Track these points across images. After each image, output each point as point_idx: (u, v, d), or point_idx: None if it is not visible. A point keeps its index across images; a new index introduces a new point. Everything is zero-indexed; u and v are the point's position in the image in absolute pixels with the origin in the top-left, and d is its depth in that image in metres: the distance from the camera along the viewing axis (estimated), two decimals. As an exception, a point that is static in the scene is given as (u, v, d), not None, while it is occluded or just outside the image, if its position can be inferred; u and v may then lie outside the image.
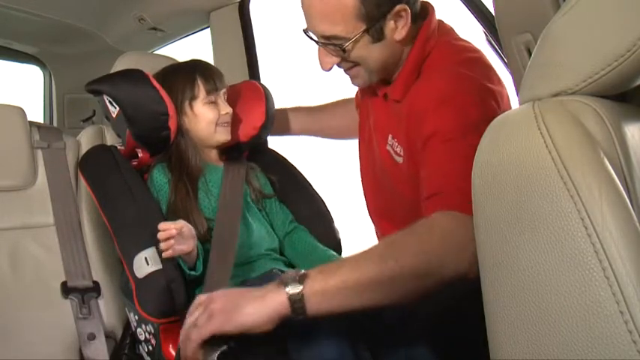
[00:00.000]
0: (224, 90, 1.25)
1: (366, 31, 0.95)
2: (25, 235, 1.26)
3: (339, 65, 1.03)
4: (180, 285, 1.09)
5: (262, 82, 1.69)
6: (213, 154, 1.29)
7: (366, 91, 1.18)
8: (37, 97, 2.34)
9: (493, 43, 1.29)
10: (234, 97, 1.34)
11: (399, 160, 1.06)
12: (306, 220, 1.33)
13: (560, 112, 0.55)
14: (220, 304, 0.80)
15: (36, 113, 2.33)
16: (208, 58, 1.85)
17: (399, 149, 1.06)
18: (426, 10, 1.03)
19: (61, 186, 1.30)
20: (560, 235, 0.51)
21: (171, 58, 1.47)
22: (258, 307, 0.78)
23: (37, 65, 2.31)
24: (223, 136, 1.24)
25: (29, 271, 1.23)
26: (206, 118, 1.22)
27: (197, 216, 1.17)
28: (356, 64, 1.02)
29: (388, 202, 1.14)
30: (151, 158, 1.25)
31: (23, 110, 1.32)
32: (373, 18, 0.94)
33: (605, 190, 0.51)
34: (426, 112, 0.94)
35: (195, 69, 1.25)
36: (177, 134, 1.22)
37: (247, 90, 1.38)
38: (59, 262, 1.24)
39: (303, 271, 0.81)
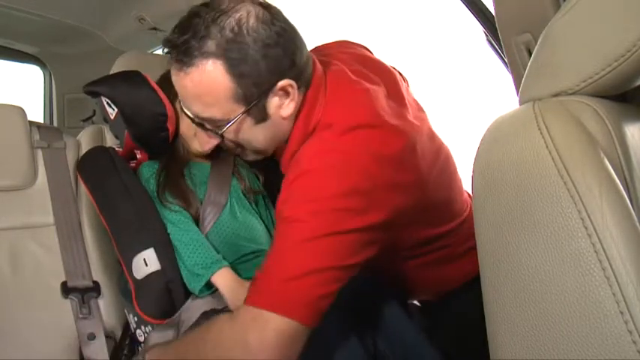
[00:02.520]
0: None
1: (247, 112, 0.85)
2: (25, 234, 1.25)
3: (224, 145, 0.94)
4: (179, 285, 1.09)
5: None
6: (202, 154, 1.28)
7: None
8: (37, 97, 2.34)
9: (493, 43, 1.29)
10: None
11: None
12: None
13: (560, 112, 0.55)
14: None
15: (36, 113, 2.34)
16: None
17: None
18: (313, 72, 0.90)
19: (61, 186, 1.30)
20: (560, 235, 0.51)
21: (172, 58, 1.47)
22: None
23: (37, 65, 2.31)
24: (199, 146, 1.21)
25: (29, 271, 1.23)
26: (188, 122, 1.19)
27: (189, 192, 1.18)
28: (241, 146, 0.92)
29: None
30: (150, 159, 1.25)
31: (23, 110, 1.32)
32: (252, 98, 0.83)
33: (605, 190, 0.51)
34: (283, 185, 0.86)
35: None
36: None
37: None
38: (59, 261, 1.24)
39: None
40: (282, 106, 0.86)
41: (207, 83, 0.83)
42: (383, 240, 0.85)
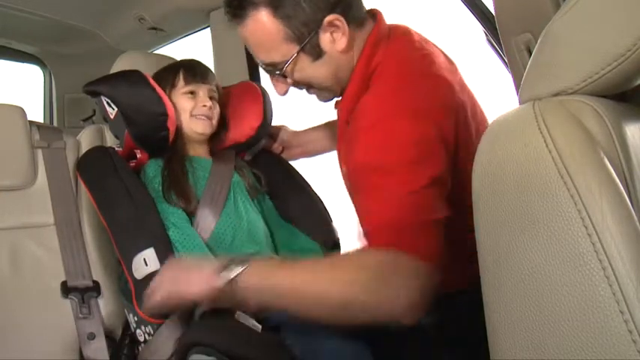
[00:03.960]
0: (210, 87, 1.27)
1: (302, 50, 0.92)
2: (25, 234, 1.25)
3: (298, 88, 1.01)
4: (179, 285, 1.09)
5: (262, 82, 1.70)
6: (202, 149, 1.29)
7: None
8: (37, 97, 2.34)
9: (493, 43, 1.29)
10: (231, 97, 1.34)
11: (344, 169, 1.03)
12: (301, 219, 1.32)
13: (561, 111, 0.55)
14: (169, 277, 0.93)
15: (36, 113, 2.34)
16: (208, 58, 1.85)
17: (340, 162, 1.05)
18: (373, 17, 0.98)
19: (61, 186, 1.30)
20: (560, 235, 0.51)
21: (172, 58, 1.47)
22: (198, 288, 0.88)
23: (37, 65, 2.31)
24: (199, 127, 1.24)
25: (29, 270, 1.23)
26: (181, 107, 1.24)
27: (189, 190, 1.19)
28: (307, 85, 0.99)
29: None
30: (150, 159, 1.25)
31: (23, 110, 1.32)
32: (303, 37, 0.91)
33: (605, 190, 0.51)
34: (357, 133, 0.89)
35: (181, 63, 1.29)
36: None
37: (244, 90, 1.38)
38: (59, 261, 1.24)
39: (244, 258, 0.88)
40: (334, 40, 0.92)
41: (260, 31, 0.91)
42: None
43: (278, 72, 0.95)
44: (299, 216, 1.33)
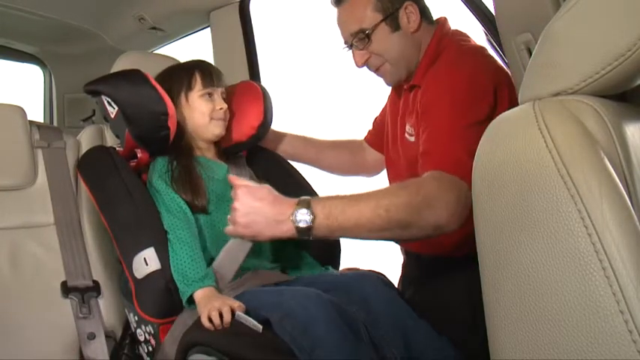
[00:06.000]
0: (222, 89, 1.28)
1: (384, 20, 1.16)
2: (26, 234, 1.25)
3: (369, 67, 1.21)
4: (179, 285, 1.09)
5: (262, 82, 1.70)
6: (212, 151, 1.29)
7: (394, 101, 1.31)
8: (37, 97, 2.34)
9: (493, 43, 1.29)
10: (232, 96, 1.34)
11: (412, 139, 1.18)
12: None
13: (561, 111, 0.55)
14: (244, 221, 1.01)
15: (36, 113, 2.34)
16: (208, 58, 1.85)
17: (410, 130, 1.19)
18: (440, 20, 1.23)
19: (61, 185, 1.30)
20: (560, 235, 0.51)
21: (172, 58, 1.47)
22: (272, 233, 1.01)
23: (37, 65, 2.31)
24: (218, 129, 1.26)
25: (29, 270, 1.23)
26: (200, 110, 1.25)
27: (199, 182, 1.19)
28: (382, 59, 1.19)
29: None
30: (150, 158, 1.25)
31: (23, 110, 1.32)
32: (387, 10, 1.16)
33: (605, 190, 0.51)
34: (429, 86, 1.12)
35: (195, 65, 1.29)
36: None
37: (245, 90, 1.38)
38: (59, 261, 1.24)
39: (313, 201, 0.99)
40: (409, 21, 1.17)
41: (356, 2, 1.17)
42: None
43: (362, 39, 1.17)
44: None
